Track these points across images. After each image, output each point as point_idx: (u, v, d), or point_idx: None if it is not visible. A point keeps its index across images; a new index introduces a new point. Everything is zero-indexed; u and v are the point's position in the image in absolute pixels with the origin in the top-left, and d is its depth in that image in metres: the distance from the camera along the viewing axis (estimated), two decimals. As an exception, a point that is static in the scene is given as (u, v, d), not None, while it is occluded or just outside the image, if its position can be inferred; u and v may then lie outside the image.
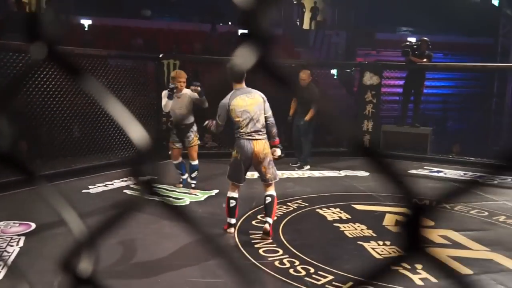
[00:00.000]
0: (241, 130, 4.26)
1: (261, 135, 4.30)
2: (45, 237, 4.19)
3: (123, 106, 0.60)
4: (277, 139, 4.45)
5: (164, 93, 5.63)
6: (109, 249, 3.82)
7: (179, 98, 5.55)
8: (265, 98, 4.39)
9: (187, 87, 5.64)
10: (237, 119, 4.26)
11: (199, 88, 5.49)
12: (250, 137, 4.25)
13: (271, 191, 4.39)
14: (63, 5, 15.58)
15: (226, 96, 4.36)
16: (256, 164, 4.34)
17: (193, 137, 5.72)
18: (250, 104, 4.27)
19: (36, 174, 0.64)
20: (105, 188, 6.00)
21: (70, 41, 11.45)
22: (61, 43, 0.61)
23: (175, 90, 5.45)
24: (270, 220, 4.35)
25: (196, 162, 5.82)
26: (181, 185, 6.03)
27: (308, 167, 7.56)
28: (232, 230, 4.49)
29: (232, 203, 4.43)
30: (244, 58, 0.46)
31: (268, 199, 4.36)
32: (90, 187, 5.98)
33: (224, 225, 4.53)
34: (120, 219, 0.60)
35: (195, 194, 5.77)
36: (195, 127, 5.74)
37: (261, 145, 4.28)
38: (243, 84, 4.37)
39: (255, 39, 0.46)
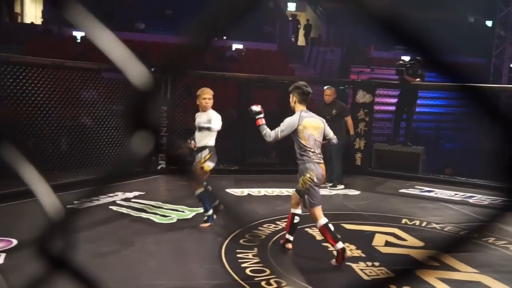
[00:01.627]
0: (310, 152, 4.23)
1: (322, 159, 4.34)
2: (27, 254, 4.09)
3: (38, 173, 0.55)
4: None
5: (198, 114, 5.23)
6: (93, 266, 3.73)
7: (202, 118, 5.15)
8: (325, 122, 4.47)
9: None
10: (305, 142, 4.23)
11: (192, 146, 5.08)
12: (319, 161, 4.27)
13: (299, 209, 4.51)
14: (56, 17, 15.58)
15: (293, 115, 4.31)
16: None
17: (201, 159, 5.11)
18: (315, 128, 4.31)
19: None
20: (90, 204, 5.91)
21: (62, 53, 11.43)
22: None
23: (200, 115, 5.10)
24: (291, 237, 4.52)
25: (201, 190, 5.14)
26: (208, 225, 5.17)
27: (343, 186, 7.47)
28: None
29: (297, 219, 4.49)
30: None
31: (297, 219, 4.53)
32: (75, 202, 5.87)
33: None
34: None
35: (182, 211, 5.68)
36: (207, 151, 5.12)
37: (324, 169, 4.36)
38: (305, 107, 4.38)
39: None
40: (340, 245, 4.14)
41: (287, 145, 5.17)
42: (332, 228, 4.23)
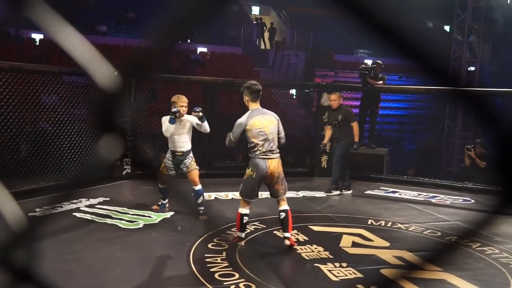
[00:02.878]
0: (257, 150, 4.44)
1: (275, 154, 4.50)
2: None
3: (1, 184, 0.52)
4: None
5: (165, 118, 5.31)
6: (57, 274, 3.61)
7: (179, 124, 5.33)
8: (279, 119, 4.62)
9: (188, 112, 5.40)
10: (253, 139, 4.44)
11: (200, 114, 5.27)
12: (265, 157, 4.44)
13: (285, 205, 4.62)
14: (13, 18, 15.09)
15: (243, 116, 4.51)
16: (270, 182, 4.54)
17: (191, 162, 5.47)
18: (266, 125, 4.46)
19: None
20: (53, 211, 5.74)
21: (19, 56, 11.08)
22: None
23: (177, 114, 5.20)
24: (288, 234, 4.57)
25: (199, 187, 5.49)
26: (158, 208, 5.78)
27: (338, 192, 7.34)
28: (243, 243, 4.64)
29: (245, 219, 4.59)
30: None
31: (283, 214, 4.58)
32: (37, 210, 5.69)
33: (234, 238, 4.70)
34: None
35: (149, 216, 5.59)
36: (191, 154, 5.52)
37: (275, 164, 4.48)
38: (259, 105, 4.56)
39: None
40: (241, 234, 4.62)
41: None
42: (245, 221, 4.59)
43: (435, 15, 22.29)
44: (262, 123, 4.45)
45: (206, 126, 5.39)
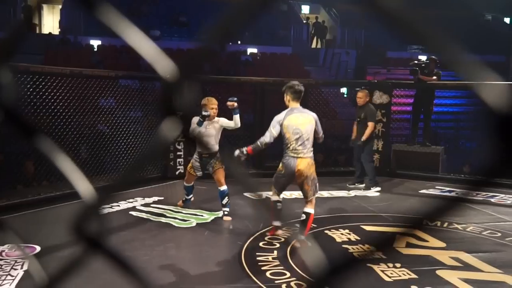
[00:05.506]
0: (290, 147, 4.43)
1: (306, 153, 4.42)
2: (50, 260, 4.14)
3: (72, 163, 0.61)
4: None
5: (195, 119, 5.32)
6: (114, 271, 3.76)
7: (208, 127, 5.37)
8: (317, 119, 4.57)
9: (219, 114, 5.43)
10: (287, 136, 4.42)
11: (235, 104, 5.23)
12: (295, 155, 4.41)
13: (310, 208, 4.54)
14: (73, 26, 15.82)
15: (281, 112, 4.53)
16: (299, 181, 4.49)
17: (216, 162, 5.45)
18: (302, 123, 4.44)
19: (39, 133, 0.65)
20: (110, 210, 5.97)
21: (79, 62, 11.60)
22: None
23: (207, 118, 5.22)
24: (302, 237, 4.49)
25: (224, 187, 5.43)
26: (182, 204, 5.96)
27: (379, 188, 7.38)
28: (280, 232, 4.71)
29: (279, 205, 4.58)
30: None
31: (304, 216, 4.53)
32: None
33: (270, 231, 4.77)
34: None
35: (201, 215, 5.71)
36: (218, 155, 5.52)
37: (305, 163, 4.42)
38: (299, 105, 4.54)
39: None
40: (276, 222, 4.67)
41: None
42: (278, 207, 4.56)
43: (494, 7, 21.35)
44: (299, 120, 4.43)
45: (237, 119, 5.30)
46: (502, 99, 0.39)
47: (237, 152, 4.55)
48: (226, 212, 5.49)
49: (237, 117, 5.30)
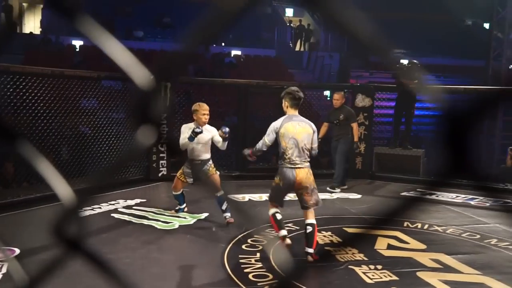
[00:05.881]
0: (286, 157, 4.27)
1: (304, 163, 4.30)
2: (30, 263, 4.08)
3: (51, 166, 0.63)
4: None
5: (184, 127, 5.26)
6: (96, 275, 3.73)
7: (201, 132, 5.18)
8: (315, 129, 4.44)
9: (211, 122, 5.35)
10: (284, 144, 4.28)
11: (227, 135, 5.17)
12: (293, 166, 4.26)
13: (312, 219, 4.32)
14: (54, 26, 15.62)
15: (278, 119, 4.39)
16: (298, 191, 4.34)
17: (209, 168, 5.35)
18: (299, 132, 4.29)
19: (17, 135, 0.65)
20: (92, 212, 5.91)
21: (60, 62, 11.46)
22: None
23: (198, 135, 5.03)
24: (311, 250, 4.24)
25: (222, 193, 5.39)
26: (175, 213, 5.80)
27: (339, 190, 7.46)
28: (288, 241, 4.43)
29: (278, 216, 4.41)
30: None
31: (309, 229, 4.28)
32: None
33: (280, 240, 4.54)
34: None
35: (184, 218, 5.68)
36: (211, 161, 5.41)
37: (303, 173, 4.28)
38: (297, 112, 4.41)
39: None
40: (282, 232, 4.40)
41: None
42: (279, 218, 4.40)
43: (473, 13, 21.71)
44: (296, 129, 4.29)
45: (225, 146, 5.29)
46: (440, 101, 0.41)
47: (245, 151, 4.65)
48: (227, 216, 5.37)
49: (225, 144, 5.28)
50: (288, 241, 4.44)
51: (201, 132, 5.01)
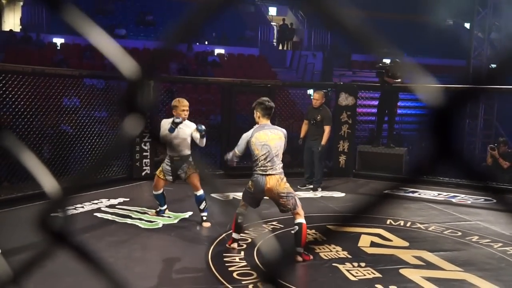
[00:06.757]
0: (258, 164, 4.32)
1: (276, 170, 4.32)
2: (11, 263, 4.02)
3: (36, 158, 0.62)
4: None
5: (164, 121, 5.22)
6: (78, 274, 3.68)
7: (179, 129, 5.13)
8: (286, 136, 4.49)
9: (190, 118, 5.32)
10: (256, 152, 4.33)
11: (203, 133, 5.13)
12: (263, 173, 4.30)
13: (300, 219, 4.35)
14: (34, 23, 15.40)
15: (249, 130, 4.44)
16: (272, 198, 4.39)
17: (188, 166, 5.27)
18: (272, 139, 4.35)
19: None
20: (75, 211, 5.84)
21: (41, 60, 11.31)
22: None
23: (178, 127, 5.03)
24: (300, 249, 4.29)
25: (201, 192, 5.31)
26: (156, 214, 5.69)
27: (320, 189, 7.49)
28: (235, 245, 4.55)
29: (240, 219, 4.51)
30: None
31: (296, 228, 4.32)
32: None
33: (228, 241, 4.63)
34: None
35: (168, 217, 5.65)
36: (190, 158, 5.29)
37: (274, 181, 4.30)
38: (269, 121, 4.47)
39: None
40: (235, 235, 4.56)
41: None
42: (239, 221, 4.50)
43: (455, 13, 21.99)
44: (267, 136, 4.33)
45: (203, 142, 5.21)
46: (434, 98, 0.42)
47: (227, 156, 4.65)
48: (205, 218, 5.35)
49: (203, 140, 5.20)
50: (235, 245, 4.56)
51: (181, 122, 5.02)
